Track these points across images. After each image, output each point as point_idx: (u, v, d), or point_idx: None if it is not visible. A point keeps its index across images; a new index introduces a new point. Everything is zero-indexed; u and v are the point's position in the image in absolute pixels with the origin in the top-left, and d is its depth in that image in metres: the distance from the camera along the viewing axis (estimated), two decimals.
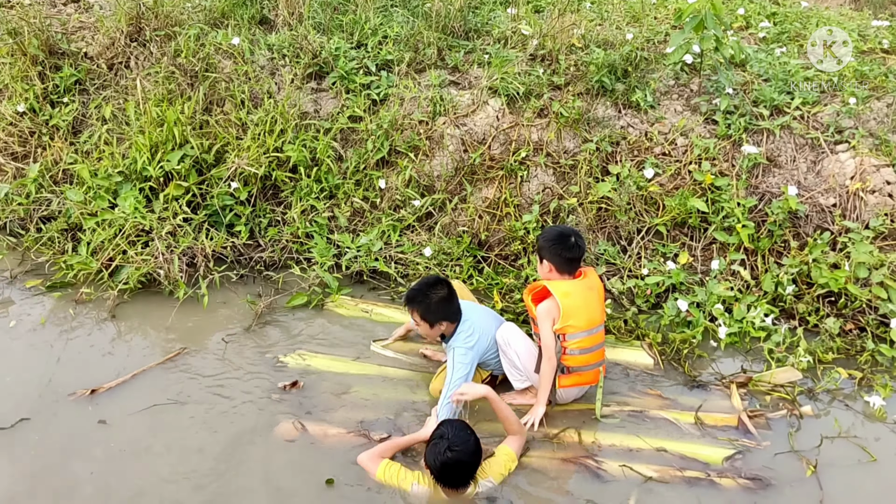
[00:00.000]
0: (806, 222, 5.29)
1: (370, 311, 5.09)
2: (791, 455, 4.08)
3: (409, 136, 5.71)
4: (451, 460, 3.56)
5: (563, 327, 4.08)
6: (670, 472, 3.95)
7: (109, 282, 5.16)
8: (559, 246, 4.17)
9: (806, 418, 4.32)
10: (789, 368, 4.59)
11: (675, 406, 4.40)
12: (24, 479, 3.89)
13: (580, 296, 4.13)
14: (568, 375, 4.18)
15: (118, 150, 5.61)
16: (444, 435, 3.61)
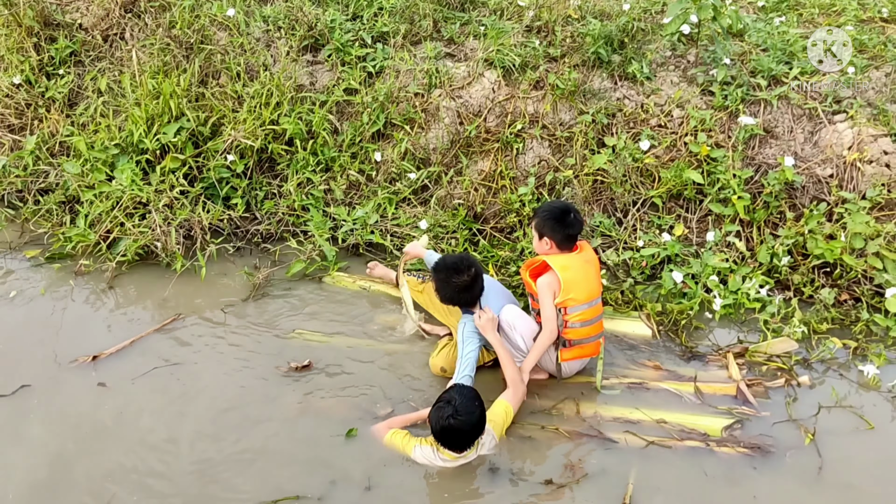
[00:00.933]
0: (802, 193, 5.15)
1: (368, 287, 4.97)
2: (789, 424, 3.98)
3: (404, 109, 5.55)
4: (452, 427, 3.48)
5: (564, 301, 3.98)
6: (670, 442, 3.86)
7: (108, 254, 5.06)
8: (560, 223, 4.06)
9: (802, 388, 4.22)
10: (786, 339, 4.47)
11: (674, 377, 4.30)
12: (25, 443, 3.83)
13: (579, 269, 4.03)
14: (570, 349, 4.09)
15: (114, 122, 5.47)
16: (452, 401, 3.52)
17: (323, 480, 3.68)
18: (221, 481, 3.69)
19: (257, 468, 3.76)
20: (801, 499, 3.61)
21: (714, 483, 3.69)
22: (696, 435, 3.91)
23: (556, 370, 4.17)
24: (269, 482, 3.68)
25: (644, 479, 3.71)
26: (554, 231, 4.07)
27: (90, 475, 3.68)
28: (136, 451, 3.82)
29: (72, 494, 3.59)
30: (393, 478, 3.70)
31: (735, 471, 3.74)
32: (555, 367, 4.17)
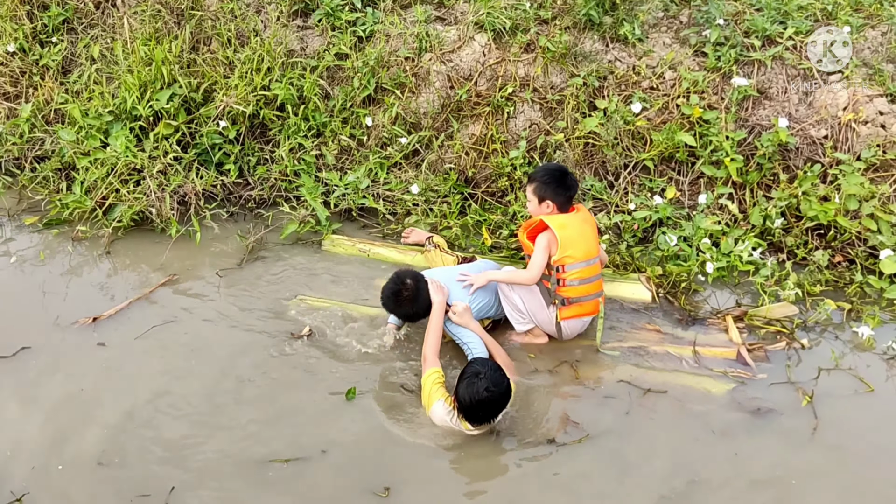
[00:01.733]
0: (796, 155, 4.97)
1: (367, 250, 4.86)
2: (788, 386, 3.89)
3: (395, 73, 5.40)
4: (487, 399, 3.38)
5: (562, 258, 3.91)
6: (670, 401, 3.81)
7: (104, 220, 4.99)
8: (561, 186, 3.99)
9: (801, 350, 4.12)
10: (786, 303, 4.34)
11: (675, 340, 4.20)
12: (26, 403, 3.80)
13: (576, 228, 3.96)
14: (568, 307, 4.00)
15: (108, 89, 5.36)
16: (482, 374, 3.41)
17: (318, 441, 3.61)
18: (219, 439, 3.64)
19: (254, 428, 3.70)
20: (789, 459, 3.51)
21: (705, 442, 3.60)
22: (697, 395, 3.81)
23: (557, 331, 4.09)
24: (264, 441, 3.62)
25: (641, 437, 3.62)
26: (556, 194, 4.00)
27: (91, 433, 3.63)
28: (137, 408, 3.77)
29: (72, 452, 3.54)
30: (392, 439, 3.61)
31: (729, 430, 3.65)
32: (554, 328, 4.08)
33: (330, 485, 3.42)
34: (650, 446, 3.60)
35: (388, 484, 3.37)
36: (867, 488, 3.39)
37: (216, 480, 3.43)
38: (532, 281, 3.99)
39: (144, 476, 3.45)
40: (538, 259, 3.96)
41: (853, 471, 3.46)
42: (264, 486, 3.41)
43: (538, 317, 4.07)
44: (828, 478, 3.43)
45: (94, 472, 3.45)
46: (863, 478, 3.42)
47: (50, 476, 3.43)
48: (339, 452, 3.57)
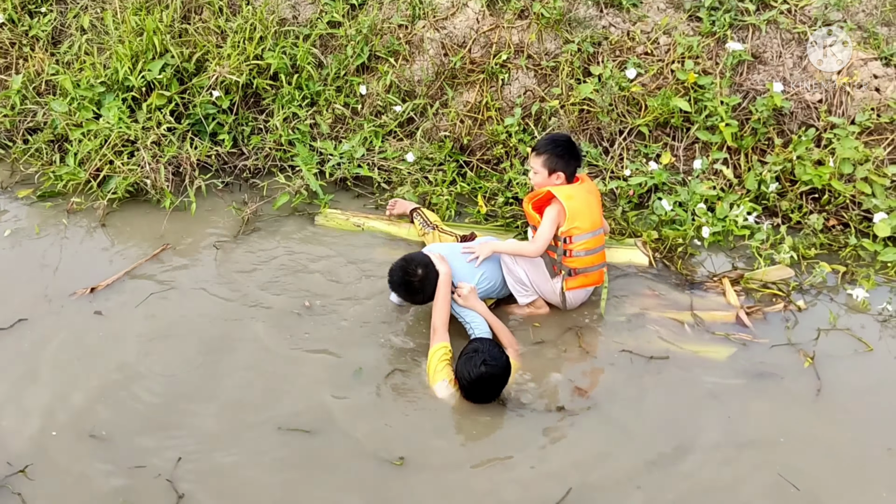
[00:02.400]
0: (791, 119, 4.91)
1: (362, 224, 4.76)
2: (788, 348, 3.87)
3: (388, 41, 5.28)
4: (485, 374, 3.32)
5: (569, 229, 3.85)
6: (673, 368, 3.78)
7: (98, 191, 4.88)
8: (572, 156, 3.93)
9: (797, 313, 4.10)
10: (782, 266, 4.30)
11: (674, 305, 4.17)
12: (23, 373, 3.76)
13: (583, 199, 3.89)
14: (575, 277, 3.94)
15: (99, 60, 5.22)
16: (479, 349, 3.37)
17: (325, 411, 3.56)
18: (218, 402, 3.61)
19: (258, 398, 3.66)
20: (793, 421, 3.50)
21: (708, 404, 3.58)
22: (698, 361, 3.79)
23: (561, 300, 4.03)
24: (269, 412, 3.57)
25: (644, 404, 3.60)
26: (567, 165, 3.93)
27: (87, 403, 3.60)
28: (135, 376, 3.73)
29: (68, 422, 3.50)
30: (402, 410, 3.57)
31: (733, 394, 3.63)
32: (559, 298, 4.02)
33: (342, 455, 3.34)
34: (653, 412, 3.56)
35: (403, 454, 3.29)
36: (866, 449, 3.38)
37: (221, 450, 3.38)
38: (537, 253, 3.92)
39: (143, 446, 3.39)
40: (545, 231, 3.89)
41: (853, 433, 3.44)
42: (272, 456, 3.35)
43: (542, 288, 4.00)
44: (829, 439, 3.41)
45: (91, 442, 3.40)
46: (862, 439, 3.41)
47: (46, 446, 3.38)
48: (348, 423, 3.49)
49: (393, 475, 3.25)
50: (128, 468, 3.29)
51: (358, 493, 3.21)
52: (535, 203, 3.98)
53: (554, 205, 3.89)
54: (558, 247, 3.92)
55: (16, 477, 3.24)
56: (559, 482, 3.20)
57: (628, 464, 3.31)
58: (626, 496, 3.18)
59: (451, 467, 3.30)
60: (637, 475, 3.25)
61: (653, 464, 3.30)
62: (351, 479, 3.26)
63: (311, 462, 3.34)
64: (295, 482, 3.27)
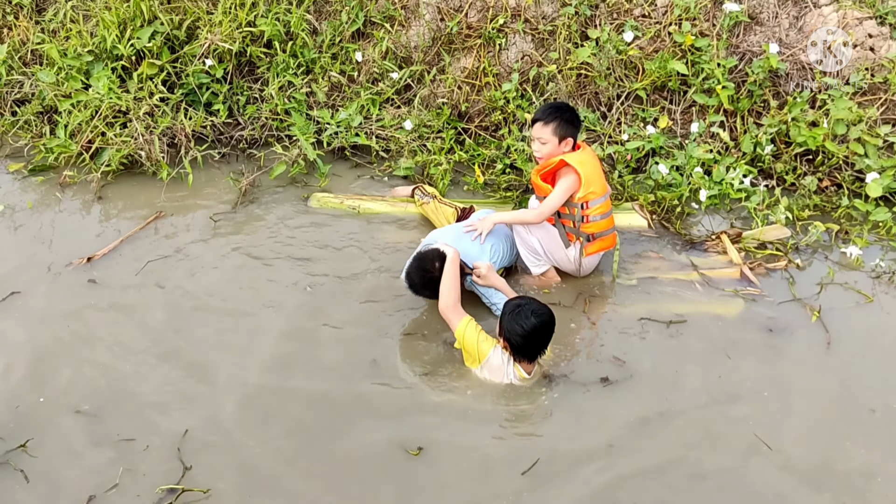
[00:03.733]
0: (787, 81, 4.85)
1: (357, 206, 4.59)
2: (794, 303, 3.92)
3: (383, 6, 5.11)
4: (538, 324, 3.26)
5: (586, 195, 3.78)
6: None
7: (91, 164, 4.73)
8: (578, 120, 3.86)
9: (794, 271, 4.14)
10: (778, 226, 4.29)
11: (679, 266, 4.18)
12: (13, 345, 3.71)
13: (592, 163, 3.83)
14: (592, 242, 3.89)
15: (85, 28, 5.00)
16: (521, 304, 3.32)
17: (339, 394, 3.51)
18: (216, 370, 3.58)
19: (251, 357, 3.66)
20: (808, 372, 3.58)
21: (730, 361, 3.63)
22: (710, 318, 3.84)
23: (577, 268, 3.98)
24: (278, 389, 3.53)
25: (669, 366, 3.61)
26: (577, 130, 3.83)
27: (83, 372, 3.58)
28: (131, 345, 3.71)
29: (61, 391, 3.49)
30: (422, 397, 3.47)
31: (752, 349, 3.69)
32: (575, 266, 3.97)
33: (358, 441, 3.27)
34: (679, 374, 3.57)
35: (421, 443, 3.23)
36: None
37: (225, 425, 3.35)
38: (539, 219, 3.85)
39: (141, 418, 3.37)
40: (556, 199, 3.81)
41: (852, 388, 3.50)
42: (285, 440, 3.30)
43: (556, 255, 3.95)
44: (822, 394, 3.49)
45: (84, 416, 3.38)
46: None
47: (41, 419, 3.35)
48: (363, 407, 3.42)
49: (413, 464, 3.18)
50: (125, 440, 3.26)
51: (376, 481, 3.14)
52: (545, 174, 3.89)
53: (568, 173, 3.80)
54: (574, 214, 3.85)
55: (15, 452, 3.21)
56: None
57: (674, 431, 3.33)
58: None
59: (470, 459, 3.22)
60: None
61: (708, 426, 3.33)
62: (368, 466, 3.19)
63: (328, 446, 3.28)
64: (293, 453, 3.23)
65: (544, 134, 3.81)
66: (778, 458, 3.17)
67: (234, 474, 3.14)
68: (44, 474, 3.14)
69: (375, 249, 4.32)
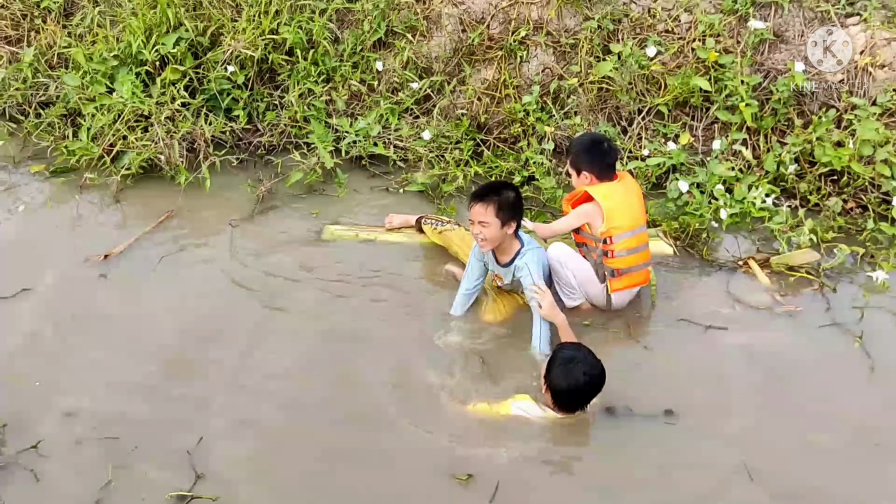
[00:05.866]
0: (811, 100, 4.70)
1: (373, 238, 4.38)
2: (833, 328, 3.78)
3: (406, 16, 5.04)
4: (587, 385, 3.10)
5: (609, 229, 3.62)
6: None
7: (112, 167, 4.70)
8: (596, 154, 3.69)
9: (827, 294, 3.99)
10: (807, 250, 4.13)
11: (711, 290, 4.02)
12: (19, 339, 3.70)
13: (621, 197, 3.66)
14: (619, 278, 3.71)
15: (112, 33, 4.98)
16: (575, 358, 3.11)
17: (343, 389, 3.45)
18: (232, 376, 3.53)
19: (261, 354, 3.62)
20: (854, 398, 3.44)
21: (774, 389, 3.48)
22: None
23: (607, 302, 3.81)
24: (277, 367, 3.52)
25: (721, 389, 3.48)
26: (592, 163, 3.69)
27: (96, 370, 3.55)
28: (146, 343, 3.70)
29: (78, 389, 3.47)
30: (472, 422, 3.30)
31: (793, 373, 3.56)
32: (604, 300, 3.81)
33: (405, 463, 3.14)
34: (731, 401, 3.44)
35: (472, 471, 3.06)
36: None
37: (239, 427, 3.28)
38: (549, 233, 3.80)
39: (152, 423, 3.30)
40: (566, 221, 3.77)
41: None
42: (331, 456, 3.20)
43: (589, 290, 3.78)
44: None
45: (90, 416, 3.33)
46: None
47: (46, 418, 3.31)
48: (406, 431, 3.28)
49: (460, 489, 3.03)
50: (134, 444, 3.19)
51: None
52: (574, 203, 3.78)
53: (591, 203, 3.68)
54: (598, 248, 3.69)
55: (26, 453, 3.14)
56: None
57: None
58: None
59: (523, 490, 3.05)
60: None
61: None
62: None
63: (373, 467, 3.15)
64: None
65: (568, 167, 3.83)
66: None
67: (252, 486, 3.05)
68: (51, 475, 3.07)
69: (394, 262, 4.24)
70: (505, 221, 3.51)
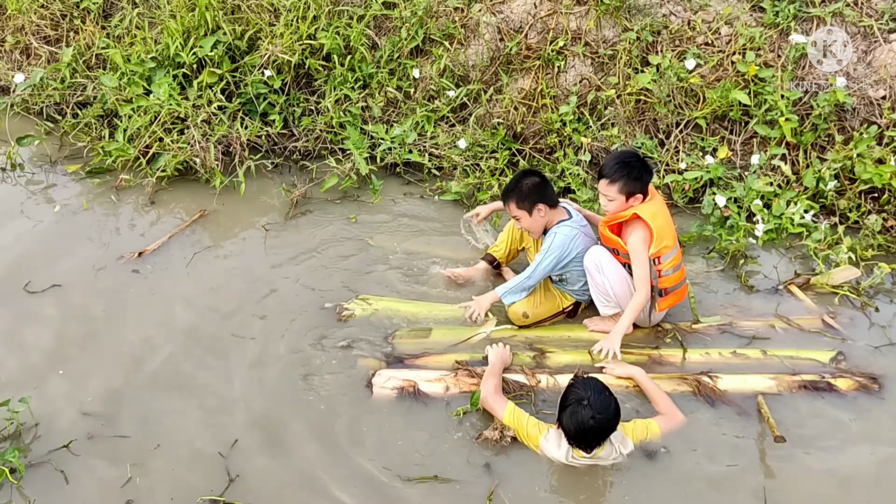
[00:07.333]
0: (853, 115, 4.62)
1: (418, 251, 4.33)
2: (890, 348, 3.67)
3: (443, 24, 4.98)
4: (593, 427, 2.97)
5: (659, 249, 3.48)
6: (787, 381, 3.48)
7: (147, 169, 4.67)
8: (646, 172, 3.50)
9: (872, 313, 3.90)
10: (848, 267, 4.02)
11: (754, 311, 3.90)
12: (42, 334, 3.74)
13: (663, 214, 3.54)
14: (665, 297, 3.60)
15: (150, 34, 4.96)
16: (585, 399, 2.98)
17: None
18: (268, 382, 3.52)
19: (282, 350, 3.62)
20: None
21: (842, 421, 3.35)
22: (809, 366, 3.56)
23: (647, 319, 3.71)
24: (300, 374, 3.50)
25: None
26: (644, 185, 3.51)
27: (124, 368, 3.58)
28: (179, 342, 3.75)
29: (106, 382, 3.51)
30: (524, 468, 3.18)
31: (857, 403, 3.42)
32: (645, 317, 3.70)
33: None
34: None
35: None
36: None
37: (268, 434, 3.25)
38: (649, 294, 3.54)
39: (183, 425, 3.31)
40: (644, 271, 3.52)
41: None
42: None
43: (624, 302, 3.62)
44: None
45: (122, 416, 3.35)
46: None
47: (79, 417, 3.32)
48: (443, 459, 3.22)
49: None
50: (163, 445, 3.21)
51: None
52: (613, 226, 3.61)
53: (639, 227, 3.52)
54: (651, 269, 3.56)
55: (58, 452, 3.15)
56: None
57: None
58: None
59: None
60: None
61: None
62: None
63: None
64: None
65: (610, 192, 3.51)
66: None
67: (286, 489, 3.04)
68: (80, 474, 3.09)
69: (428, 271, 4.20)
70: (531, 209, 3.66)
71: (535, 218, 3.66)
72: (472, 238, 4.33)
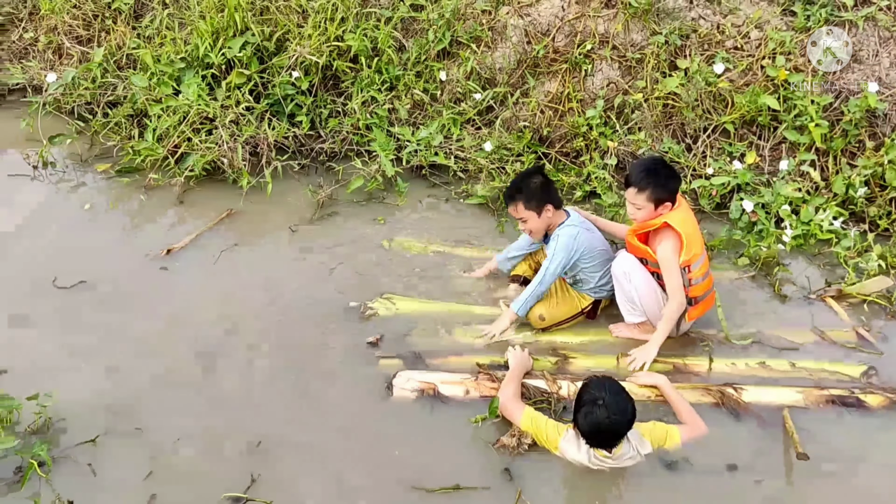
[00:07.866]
0: (884, 122, 4.54)
1: (443, 252, 4.33)
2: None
3: (471, 27, 4.96)
4: (609, 428, 2.95)
5: (689, 258, 3.41)
6: (815, 395, 3.39)
7: (176, 168, 4.71)
8: (672, 179, 3.43)
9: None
10: (881, 277, 3.95)
11: (786, 322, 3.83)
12: (69, 329, 3.78)
13: (691, 221, 3.47)
14: (696, 306, 3.54)
15: (180, 35, 4.99)
16: (600, 400, 2.95)
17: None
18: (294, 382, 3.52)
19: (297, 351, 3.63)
20: None
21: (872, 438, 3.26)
22: (836, 381, 3.47)
23: (675, 329, 3.64)
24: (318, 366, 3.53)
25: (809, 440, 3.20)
26: (673, 192, 3.45)
27: (148, 366, 3.60)
28: (209, 340, 3.76)
29: (133, 379, 3.53)
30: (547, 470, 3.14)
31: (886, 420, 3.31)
32: (674, 327, 3.63)
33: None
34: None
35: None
36: None
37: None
38: (683, 304, 3.49)
39: (208, 423, 3.31)
40: (677, 281, 3.45)
41: None
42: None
43: (650, 311, 3.58)
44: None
45: (147, 412, 3.36)
46: None
47: (104, 412, 3.34)
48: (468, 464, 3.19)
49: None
50: (190, 440, 3.23)
51: None
52: (641, 235, 3.55)
53: (668, 236, 3.45)
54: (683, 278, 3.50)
55: (84, 446, 3.19)
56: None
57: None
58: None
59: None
60: None
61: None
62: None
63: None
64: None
65: (639, 200, 3.43)
66: None
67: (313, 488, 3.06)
68: (105, 468, 3.12)
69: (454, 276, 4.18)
70: (538, 209, 3.62)
71: (543, 219, 3.63)
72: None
